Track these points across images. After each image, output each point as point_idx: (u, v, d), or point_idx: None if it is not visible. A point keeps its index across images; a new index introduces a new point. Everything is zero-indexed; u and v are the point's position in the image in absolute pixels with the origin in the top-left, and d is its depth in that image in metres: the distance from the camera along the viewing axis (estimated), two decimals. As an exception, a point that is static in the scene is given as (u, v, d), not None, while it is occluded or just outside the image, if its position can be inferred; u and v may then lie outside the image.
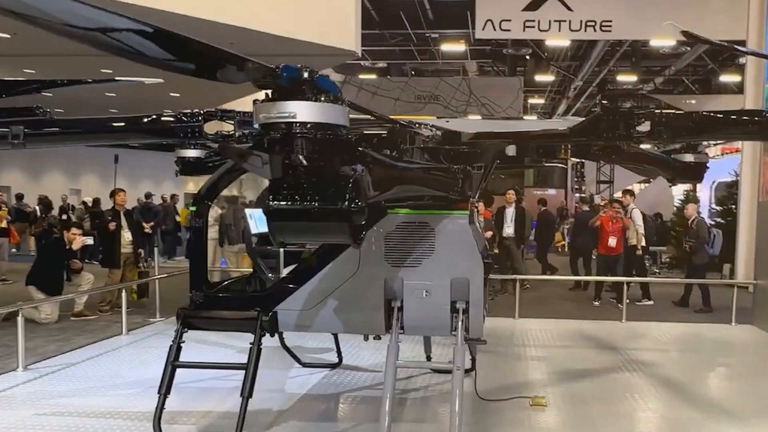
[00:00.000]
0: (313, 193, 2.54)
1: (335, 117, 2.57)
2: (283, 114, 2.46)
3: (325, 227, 2.62)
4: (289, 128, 2.48)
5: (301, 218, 2.57)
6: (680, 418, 5.21)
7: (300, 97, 2.48)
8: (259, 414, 5.11)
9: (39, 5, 1.81)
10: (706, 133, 4.11)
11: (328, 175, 2.56)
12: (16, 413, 5.12)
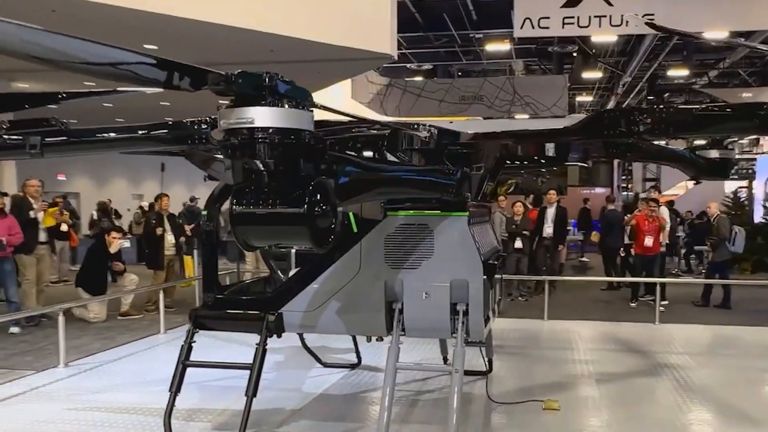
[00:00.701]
0: (274, 197, 2.55)
1: (297, 122, 2.56)
2: (242, 120, 2.47)
3: (286, 231, 2.62)
4: (249, 134, 2.49)
5: (262, 222, 2.58)
6: (696, 424, 4.97)
7: (260, 103, 2.49)
8: (272, 412, 5.18)
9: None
10: (707, 128, 3.90)
11: (289, 180, 2.57)
12: (48, 407, 5.36)
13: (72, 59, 2.28)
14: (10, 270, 8.15)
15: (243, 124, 2.47)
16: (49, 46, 2.09)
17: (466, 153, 4.31)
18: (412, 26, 21.50)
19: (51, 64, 2.35)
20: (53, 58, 2.22)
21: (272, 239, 2.76)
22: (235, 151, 2.53)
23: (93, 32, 9.70)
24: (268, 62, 13.30)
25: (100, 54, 2.28)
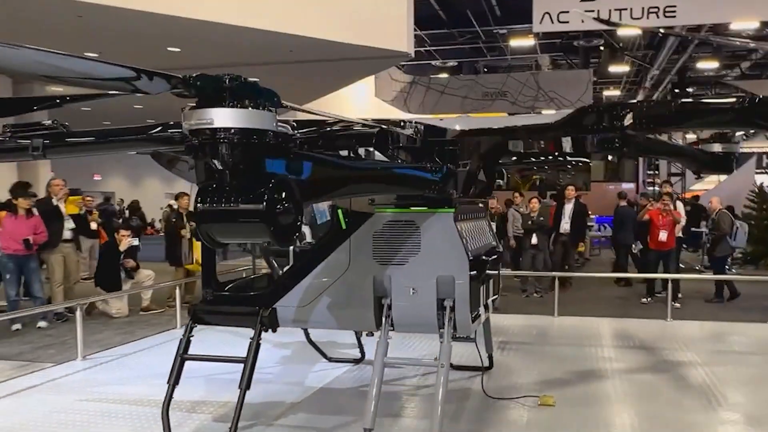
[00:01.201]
0: (234, 195, 2.62)
1: (258, 122, 2.62)
2: (203, 121, 2.54)
3: (247, 228, 2.68)
4: (210, 134, 2.56)
5: (224, 220, 2.65)
6: (692, 422, 4.87)
7: (220, 104, 2.55)
8: (272, 405, 5.29)
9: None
10: (688, 121, 3.84)
11: (249, 178, 2.63)
12: (61, 398, 5.57)
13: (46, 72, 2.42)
14: (34, 267, 8.44)
15: (203, 125, 2.54)
16: (23, 60, 2.20)
17: (453, 150, 4.32)
18: (435, 23, 21.43)
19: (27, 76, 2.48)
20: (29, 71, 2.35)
21: (234, 236, 2.83)
22: (197, 151, 2.60)
23: (118, 36, 9.95)
24: (287, 62, 13.46)
25: (68, 65, 2.39)
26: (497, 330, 7.75)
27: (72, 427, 4.89)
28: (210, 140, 2.57)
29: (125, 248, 9.35)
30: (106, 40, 12.12)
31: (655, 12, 12.94)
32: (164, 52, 12.71)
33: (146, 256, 17.50)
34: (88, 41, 12.13)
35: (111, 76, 2.52)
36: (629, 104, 3.85)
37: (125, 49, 12.55)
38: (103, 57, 11.39)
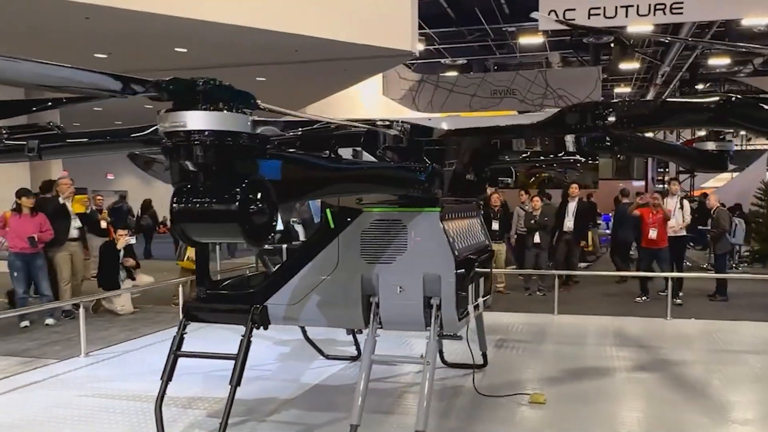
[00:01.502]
0: (207, 195, 2.68)
1: (232, 124, 2.68)
2: (176, 123, 2.60)
3: (220, 227, 2.74)
4: (183, 136, 2.62)
5: (198, 219, 2.71)
6: (680, 420, 4.86)
7: (193, 107, 2.61)
8: (266, 401, 5.36)
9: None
10: (668, 120, 3.85)
11: (223, 179, 2.69)
12: (62, 394, 5.68)
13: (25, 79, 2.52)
14: (41, 265, 8.59)
15: (177, 127, 2.60)
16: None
17: (439, 149, 4.36)
18: (444, 21, 21.43)
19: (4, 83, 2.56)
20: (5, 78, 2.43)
21: (209, 236, 2.89)
22: (171, 152, 2.67)
23: (126, 37, 10.06)
24: (293, 62, 13.54)
25: (46, 72, 2.47)
26: (496, 328, 7.78)
27: (71, 421, 4.99)
28: (184, 142, 2.63)
29: (122, 246, 9.48)
30: (113, 42, 12.28)
31: (661, 9, 12.87)
32: (171, 53, 12.85)
33: (159, 255, 17.76)
34: (96, 43, 12.30)
35: (87, 81, 2.60)
36: (611, 103, 3.84)
37: (133, 50, 12.70)
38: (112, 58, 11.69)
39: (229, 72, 14.53)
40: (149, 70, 14.49)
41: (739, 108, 3.49)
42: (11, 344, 7.95)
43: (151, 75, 11.15)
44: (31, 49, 12.71)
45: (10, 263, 8.47)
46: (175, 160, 2.67)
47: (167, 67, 14.07)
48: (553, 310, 8.62)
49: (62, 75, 2.54)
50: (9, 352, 7.57)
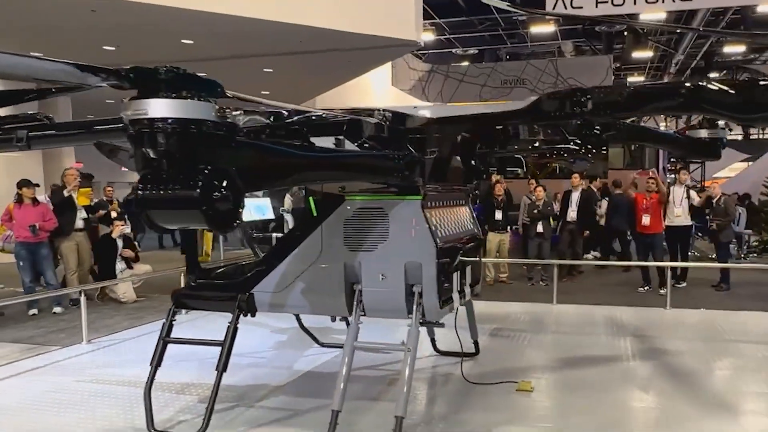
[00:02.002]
0: (171, 183, 2.72)
1: (195, 112, 2.71)
2: (138, 111, 2.64)
3: (183, 214, 2.78)
4: (146, 124, 2.65)
5: (162, 207, 2.76)
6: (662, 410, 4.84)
7: (156, 95, 2.65)
8: (257, 388, 5.44)
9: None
10: (641, 107, 3.83)
11: (186, 166, 2.72)
12: (59, 379, 5.80)
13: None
14: (45, 254, 8.75)
15: (139, 115, 2.64)
16: None
17: (421, 137, 4.37)
18: (454, 11, 21.33)
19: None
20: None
21: (173, 222, 2.92)
22: (134, 140, 2.71)
23: (132, 29, 10.18)
24: (298, 53, 13.57)
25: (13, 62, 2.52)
26: (492, 317, 7.79)
27: (65, 405, 5.10)
28: (147, 130, 2.67)
29: (117, 236, 9.63)
30: (120, 34, 12.39)
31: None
32: (177, 44, 12.94)
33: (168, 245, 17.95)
34: (102, 35, 12.42)
35: (51, 70, 2.64)
36: (588, 90, 3.82)
37: (139, 42, 12.81)
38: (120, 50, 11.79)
39: (236, 63, 14.62)
40: (156, 62, 14.47)
41: (709, 94, 3.46)
42: (18, 332, 8.12)
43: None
44: (39, 43, 12.88)
45: (16, 253, 8.65)
46: (139, 147, 2.71)
47: (174, 59, 14.12)
48: (553, 300, 8.59)
49: (26, 64, 2.59)
50: (15, 339, 7.73)
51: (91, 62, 2.71)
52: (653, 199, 9.81)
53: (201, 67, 15.47)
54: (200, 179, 2.68)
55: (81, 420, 4.77)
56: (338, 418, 4.22)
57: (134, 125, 2.68)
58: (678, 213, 10.11)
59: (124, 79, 2.60)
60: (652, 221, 9.85)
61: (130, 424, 4.69)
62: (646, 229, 9.95)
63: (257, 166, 3.11)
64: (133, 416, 4.81)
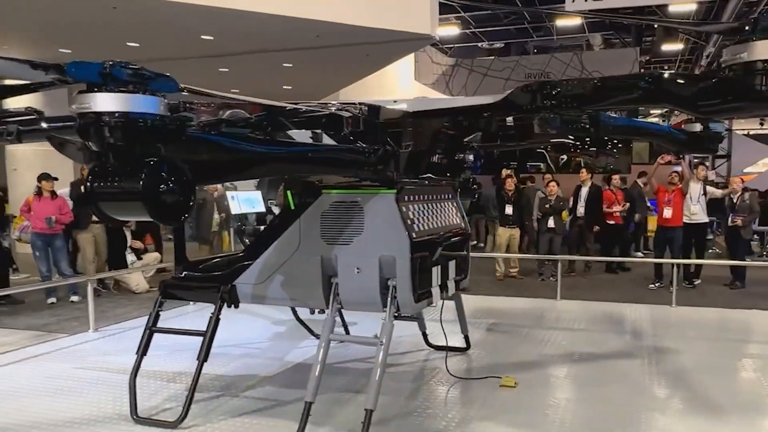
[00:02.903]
0: (116, 176, 2.76)
1: (141, 106, 2.74)
2: (82, 105, 2.68)
3: (128, 207, 2.82)
4: (93, 118, 2.70)
5: (108, 199, 2.80)
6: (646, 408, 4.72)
7: (101, 90, 2.68)
8: (245, 378, 5.51)
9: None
10: (605, 100, 3.74)
11: (131, 159, 2.76)
12: (61, 366, 5.97)
13: None
14: (60, 246, 9.01)
15: (84, 109, 2.68)
16: None
17: (396, 131, 4.34)
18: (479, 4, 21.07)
19: None
20: None
21: (120, 214, 2.96)
22: (81, 133, 2.76)
23: (153, 26, 10.39)
24: (315, 47, 13.60)
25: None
26: (492, 312, 7.72)
27: (60, 391, 5.25)
28: (93, 123, 2.71)
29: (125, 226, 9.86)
30: (141, 30, 12.61)
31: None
32: (197, 41, 13.10)
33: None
34: (125, 32, 12.66)
35: (5, 68, 2.71)
36: (557, 83, 3.75)
37: (160, 38, 13.02)
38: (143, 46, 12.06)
39: (255, 58, 14.75)
40: (178, 58, 14.84)
41: (667, 85, 3.37)
42: (34, 319, 8.39)
43: (180, 63, 11.61)
44: (65, 39, 13.21)
45: (32, 243, 8.94)
46: (85, 140, 2.76)
47: (194, 55, 14.39)
48: (557, 296, 8.46)
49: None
50: (29, 326, 7.99)
51: (118, 58, 2.76)
52: (675, 192, 9.57)
53: (222, 62, 15.71)
54: (144, 172, 2.71)
55: (72, 405, 4.90)
56: (311, 409, 4.23)
57: (81, 118, 2.73)
58: (695, 210, 9.84)
59: (65, 74, 2.64)
60: (674, 215, 9.62)
61: (117, 411, 4.80)
62: (666, 223, 9.72)
63: (209, 160, 3.13)
64: (122, 403, 4.91)
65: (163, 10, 11.32)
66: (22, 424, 4.54)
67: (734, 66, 3.11)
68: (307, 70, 15.84)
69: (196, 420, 4.58)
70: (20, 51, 14.13)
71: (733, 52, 3.09)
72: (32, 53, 14.24)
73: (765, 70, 2.98)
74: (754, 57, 3.00)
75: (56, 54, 14.23)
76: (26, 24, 12.11)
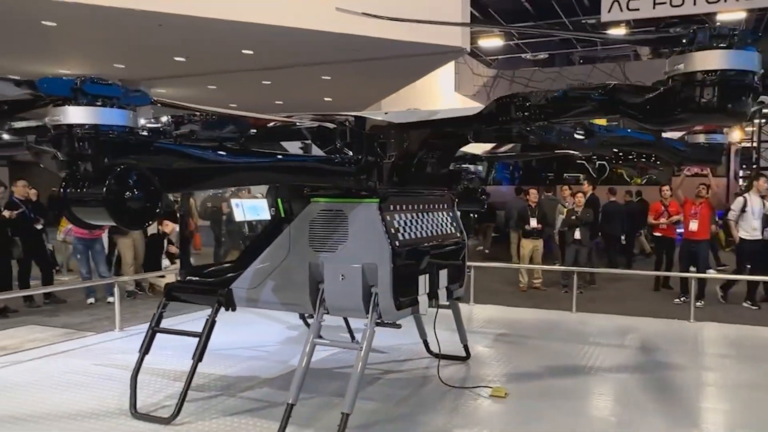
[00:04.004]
0: (83, 183, 2.92)
1: (110, 119, 2.90)
2: (54, 118, 2.87)
3: (94, 213, 2.97)
4: (63, 129, 2.88)
5: (78, 205, 2.96)
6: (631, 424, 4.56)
7: (69, 103, 2.86)
8: (246, 379, 5.64)
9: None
10: (567, 112, 3.69)
11: (99, 168, 2.91)
12: (81, 362, 6.25)
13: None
14: (99, 250, 9.46)
15: (55, 121, 2.87)
16: None
17: (379, 142, 4.39)
18: (522, 16, 20.93)
19: None
20: None
21: (90, 219, 3.10)
22: (53, 143, 2.94)
23: (197, 42, 10.97)
24: (349, 61, 13.83)
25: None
26: (503, 322, 7.63)
27: (73, 385, 5.48)
28: (65, 134, 2.89)
29: (170, 233, 10.19)
30: (187, 46, 13.15)
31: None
32: (239, 55, 13.55)
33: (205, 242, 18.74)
34: (171, 47, 13.22)
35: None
36: (530, 95, 3.73)
37: (204, 53, 13.53)
38: (190, 61, 12.70)
39: (295, 71, 15.11)
40: (221, 72, 15.37)
41: (621, 95, 3.31)
42: (72, 318, 8.83)
43: (224, 77, 12.16)
44: (118, 55, 13.87)
45: (74, 247, 9.42)
46: (57, 150, 2.94)
47: (236, 69, 14.87)
48: (572, 308, 8.26)
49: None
50: (65, 324, 8.42)
51: (165, 72, 2.97)
52: (702, 205, 9.23)
53: (262, 75, 16.10)
54: (108, 180, 2.86)
55: (78, 399, 5.12)
56: (293, 411, 4.31)
57: (54, 130, 2.91)
58: (755, 226, 9.25)
59: (37, 89, 2.82)
60: (700, 227, 9.27)
61: (119, 406, 5.00)
62: (692, 235, 9.37)
63: (177, 169, 3.27)
64: (125, 399, 5.11)
65: (205, 27, 11.77)
66: (30, 414, 4.79)
67: (675, 77, 3.04)
68: (345, 83, 16.12)
69: (190, 417, 4.73)
70: (82, 67, 14.97)
71: (673, 63, 3.02)
72: (90, 69, 15.05)
73: (703, 82, 2.91)
74: (691, 68, 2.93)
75: (111, 69, 14.99)
76: (85, 43, 12.85)
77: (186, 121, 4.60)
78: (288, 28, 11.88)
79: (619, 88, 3.35)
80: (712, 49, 2.94)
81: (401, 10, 12.35)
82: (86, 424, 4.62)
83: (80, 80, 2.91)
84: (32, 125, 4.33)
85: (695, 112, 3.04)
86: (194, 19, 11.31)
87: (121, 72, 15.09)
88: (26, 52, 13.32)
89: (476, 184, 6.47)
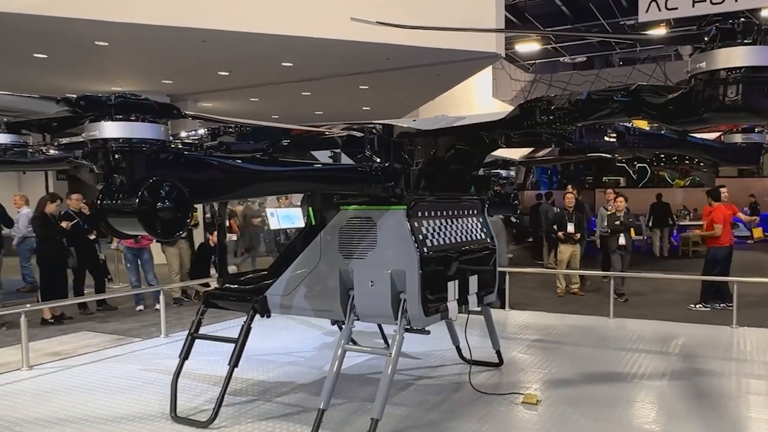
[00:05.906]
0: (119, 195, 3.00)
1: (143, 132, 2.98)
2: (90, 133, 2.97)
3: (128, 223, 3.04)
4: (100, 143, 2.97)
5: (113, 216, 3.04)
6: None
7: (105, 119, 2.95)
8: (282, 384, 5.69)
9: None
10: (590, 115, 3.60)
11: (132, 180, 2.99)
12: (126, 366, 6.41)
13: None
14: (147, 258, 9.71)
15: (91, 136, 2.96)
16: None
17: (407, 149, 4.39)
18: (559, 20, 20.61)
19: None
20: None
21: (126, 229, 3.18)
22: (90, 157, 3.04)
23: (239, 56, 11.24)
24: (386, 69, 13.85)
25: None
26: (538, 328, 7.49)
27: (118, 389, 5.63)
28: (101, 148, 2.99)
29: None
30: (230, 60, 13.43)
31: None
32: (279, 67, 13.76)
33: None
34: (215, 62, 13.52)
35: (24, 103, 3.05)
36: (554, 98, 3.68)
37: (246, 66, 13.78)
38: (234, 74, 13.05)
39: (333, 82, 15.25)
40: (263, 84, 15.62)
41: (644, 96, 3.21)
42: (122, 324, 9.07)
43: (266, 89, 12.40)
44: (165, 71, 14.26)
45: (124, 256, 9.69)
46: (94, 163, 3.04)
47: (277, 81, 15.09)
48: (610, 314, 8.04)
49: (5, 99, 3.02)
50: (115, 330, 8.66)
51: (210, 86, 3.08)
52: (730, 210, 8.92)
53: (302, 86, 16.29)
54: (142, 192, 2.94)
55: (123, 403, 5.26)
56: (325, 416, 4.32)
57: (90, 144, 3.01)
58: None
59: (74, 106, 2.92)
60: (723, 233, 8.94)
61: (160, 410, 5.11)
62: (713, 241, 9.05)
63: (207, 179, 3.34)
64: (167, 403, 5.22)
65: (246, 42, 12.00)
66: (77, 416, 4.95)
67: (698, 75, 2.93)
68: (382, 92, 16.17)
69: (227, 422, 4.79)
70: (132, 84, 15.46)
71: (695, 61, 2.91)
72: (140, 85, 15.52)
73: (726, 80, 2.79)
74: (713, 66, 2.82)
75: (160, 85, 15.43)
76: (134, 60, 13.25)
77: (221, 133, 4.70)
78: (325, 40, 11.99)
79: (641, 89, 3.26)
80: (734, 45, 2.83)
81: (437, 16, 12.41)
82: (128, 426, 4.74)
83: (114, 96, 3.00)
84: (75, 141, 4.50)
85: (719, 111, 2.92)
86: (236, 34, 11.54)
87: (168, 87, 15.52)
88: (82, 71, 13.83)
89: (508, 189, 6.39)
